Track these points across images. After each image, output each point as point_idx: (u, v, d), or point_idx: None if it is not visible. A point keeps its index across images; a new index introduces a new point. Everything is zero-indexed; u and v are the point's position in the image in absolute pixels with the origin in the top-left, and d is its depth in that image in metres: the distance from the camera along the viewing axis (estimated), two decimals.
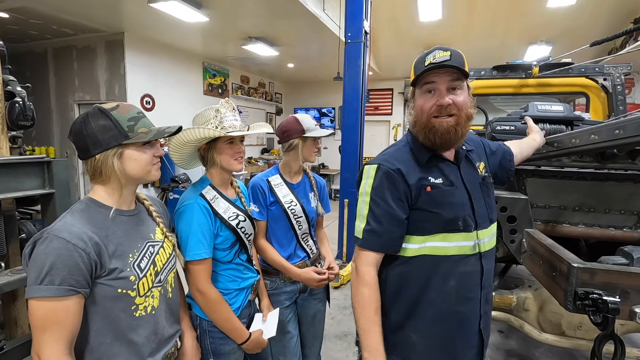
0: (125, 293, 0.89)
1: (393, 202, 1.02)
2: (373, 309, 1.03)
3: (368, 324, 1.01)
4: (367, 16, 4.21)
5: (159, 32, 5.50)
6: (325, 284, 1.69)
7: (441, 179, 1.05)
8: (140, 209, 1.06)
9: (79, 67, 5.80)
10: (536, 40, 6.38)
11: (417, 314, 1.06)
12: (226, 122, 1.29)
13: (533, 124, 1.74)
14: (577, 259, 1.37)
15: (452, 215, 1.02)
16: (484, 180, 1.13)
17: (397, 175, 1.03)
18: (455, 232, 1.03)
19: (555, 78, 2.98)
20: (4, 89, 1.35)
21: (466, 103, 1.00)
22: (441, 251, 1.03)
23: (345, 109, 4.22)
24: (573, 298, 1.29)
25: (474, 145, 1.21)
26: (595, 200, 1.90)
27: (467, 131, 1.05)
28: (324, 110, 9.97)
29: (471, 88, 1.08)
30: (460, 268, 1.04)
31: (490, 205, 1.12)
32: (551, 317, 1.87)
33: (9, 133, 1.66)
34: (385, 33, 6.68)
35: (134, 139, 0.92)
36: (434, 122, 1.00)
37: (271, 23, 5.16)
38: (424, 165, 1.06)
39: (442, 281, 1.04)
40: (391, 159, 1.07)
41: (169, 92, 6.20)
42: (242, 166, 1.34)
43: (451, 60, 0.96)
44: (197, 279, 1.22)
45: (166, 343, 1.04)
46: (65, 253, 0.81)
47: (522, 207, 1.80)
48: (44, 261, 0.80)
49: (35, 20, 4.88)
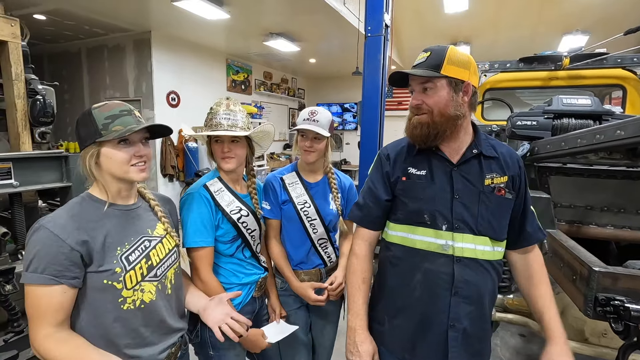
0: (111, 285, 0.91)
1: (377, 182, 1.15)
2: (360, 277, 1.15)
3: (354, 290, 1.15)
4: (388, 9, 4.11)
5: (184, 30, 5.63)
6: (323, 304, 1.52)
7: (424, 171, 1.09)
8: (140, 204, 1.07)
9: (109, 66, 6.05)
10: (571, 30, 6.02)
11: (387, 299, 1.16)
12: (214, 120, 1.29)
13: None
14: (600, 262, 1.29)
15: (417, 207, 1.07)
16: (492, 191, 1.06)
17: (386, 160, 1.16)
18: (422, 226, 1.07)
19: (589, 70, 2.80)
20: (27, 87, 1.43)
21: (437, 102, 1.02)
22: (409, 242, 1.10)
23: (364, 104, 4.16)
24: (593, 304, 1.23)
25: (504, 157, 1.10)
26: (626, 200, 1.78)
27: (446, 129, 1.04)
28: (346, 105, 9.90)
29: (466, 83, 1.03)
30: (426, 264, 1.07)
31: (484, 217, 1.04)
32: (573, 322, 1.78)
33: (37, 129, 1.76)
34: (409, 26, 6.52)
35: (105, 137, 0.92)
36: (413, 119, 1.08)
37: (291, 18, 5.16)
38: (414, 156, 1.12)
39: (409, 272, 1.10)
40: (389, 146, 1.20)
41: (193, 88, 6.35)
42: (231, 166, 1.31)
43: (426, 62, 1.03)
44: (198, 267, 1.24)
45: (167, 338, 1.05)
46: (48, 243, 0.85)
47: (544, 206, 1.72)
48: (31, 249, 0.85)
49: (69, 21, 5.13)
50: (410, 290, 1.09)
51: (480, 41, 6.78)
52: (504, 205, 1.07)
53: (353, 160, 9.67)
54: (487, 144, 1.10)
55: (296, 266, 1.56)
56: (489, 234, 1.05)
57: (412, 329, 1.10)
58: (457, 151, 1.09)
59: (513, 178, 1.09)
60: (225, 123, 1.28)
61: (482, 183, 1.06)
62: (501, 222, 1.08)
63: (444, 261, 1.05)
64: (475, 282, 1.05)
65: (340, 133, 10.11)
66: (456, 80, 1.01)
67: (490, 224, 1.05)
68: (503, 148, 1.13)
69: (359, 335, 1.10)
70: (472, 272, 1.05)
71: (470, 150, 1.08)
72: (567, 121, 1.71)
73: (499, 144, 1.14)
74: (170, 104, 5.93)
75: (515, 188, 1.10)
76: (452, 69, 1.00)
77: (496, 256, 1.09)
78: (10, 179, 1.22)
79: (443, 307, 1.05)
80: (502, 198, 1.06)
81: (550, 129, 1.75)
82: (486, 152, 1.08)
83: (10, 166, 1.21)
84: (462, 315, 1.04)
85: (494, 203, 1.06)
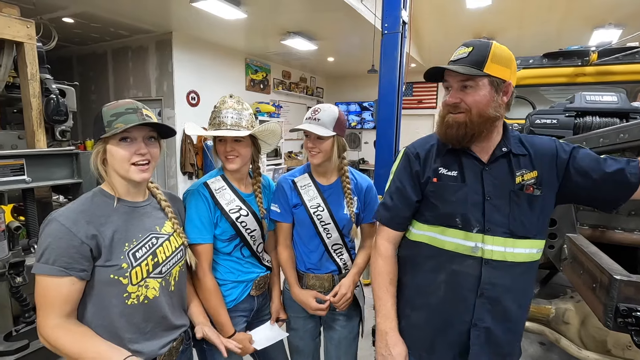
0: (117, 280, 0.93)
1: (407, 182, 1.11)
2: (387, 279, 1.13)
3: (382, 292, 1.12)
4: (406, 5, 4.03)
5: (203, 31, 5.74)
6: (323, 314, 1.46)
7: (455, 172, 1.05)
8: (151, 202, 1.09)
9: (133, 66, 6.24)
10: (603, 24, 5.69)
11: (407, 297, 1.14)
12: (218, 119, 1.28)
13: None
14: (622, 270, 1.20)
15: (449, 210, 1.04)
16: (521, 189, 1.02)
17: (415, 159, 1.11)
18: (453, 228, 1.04)
19: (619, 65, 2.64)
20: (42, 87, 1.49)
21: (478, 102, 0.98)
22: (438, 243, 1.07)
23: (380, 102, 4.10)
24: (614, 314, 1.15)
25: (535, 150, 1.06)
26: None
27: (483, 130, 1.00)
28: (365, 104, 9.81)
29: (507, 83, 0.99)
30: (453, 265, 1.04)
31: (516, 218, 1.01)
32: (595, 333, 1.68)
33: (58, 128, 1.83)
34: (429, 22, 6.37)
35: (108, 133, 0.93)
36: (447, 117, 1.03)
37: (308, 17, 5.15)
38: (445, 156, 1.08)
39: (432, 272, 1.08)
40: (416, 144, 1.15)
41: (213, 88, 6.46)
42: (234, 166, 1.30)
43: (468, 57, 0.98)
44: (197, 264, 1.24)
45: (169, 333, 1.07)
46: (59, 235, 0.87)
47: (564, 209, 1.62)
48: (43, 241, 0.88)
49: (95, 24, 5.32)
50: (433, 289, 1.08)
51: (504, 37, 6.53)
52: (534, 202, 1.03)
53: (371, 159, 9.58)
54: (516, 141, 1.07)
55: (308, 270, 1.50)
56: (523, 234, 1.02)
57: (432, 327, 1.09)
58: (487, 150, 1.06)
59: (544, 169, 1.03)
60: (229, 122, 1.27)
61: (513, 182, 1.03)
62: (534, 220, 1.03)
63: (472, 263, 1.03)
64: (503, 285, 1.03)
65: (359, 132, 10.04)
66: (498, 80, 0.97)
67: (523, 224, 1.02)
68: (536, 140, 1.09)
69: (390, 337, 1.09)
70: (501, 274, 1.02)
71: (499, 149, 1.05)
72: (590, 119, 1.60)
73: (532, 138, 1.10)
74: (190, 103, 6.06)
75: (553, 178, 1.03)
76: (495, 67, 0.96)
77: (530, 257, 1.04)
78: (24, 175, 1.27)
79: (467, 307, 1.04)
80: (531, 196, 1.02)
81: (572, 127, 1.65)
82: (515, 150, 1.05)
83: (24, 163, 1.26)
84: (485, 315, 1.03)
85: (525, 201, 1.02)
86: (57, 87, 1.62)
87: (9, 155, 1.24)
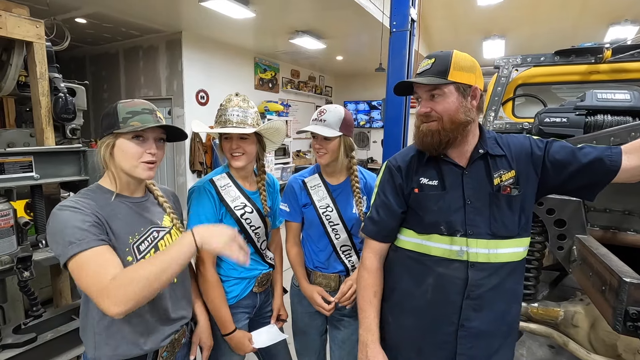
0: None
1: (391, 195, 1.13)
2: (371, 292, 1.15)
3: (366, 304, 1.15)
4: (415, 3, 3.99)
5: (212, 30, 5.78)
6: (328, 314, 1.47)
7: (436, 181, 1.08)
8: (148, 197, 1.11)
9: (144, 66, 6.33)
10: (619, 20, 5.55)
11: (395, 301, 1.16)
12: (223, 117, 1.30)
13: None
14: (632, 272, 1.17)
15: (433, 219, 1.06)
16: (498, 191, 1.04)
17: (397, 172, 1.13)
18: (439, 234, 1.06)
19: (634, 62, 2.56)
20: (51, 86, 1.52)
21: (447, 109, 1.01)
22: (424, 249, 1.09)
23: (388, 101, 4.06)
24: (623, 318, 1.12)
25: (511, 150, 1.08)
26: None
27: (457, 135, 1.03)
28: (374, 103, 9.76)
29: (473, 87, 1.02)
30: (440, 269, 1.06)
31: (497, 219, 1.04)
32: (605, 336, 1.64)
33: (68, 126, 1.86)
34: (439, 20, 6.29)
35: (123, 129, 0.96)
36: (422, 127, 1.06)
37: (317, 15, 5.14)
38: (424, 165, 1.10)
39: (420, 276, 1.10)
40: (398, 157, 1.18)
41: (222, 87, 6.50)
42: (240, 163, 1.32)
43: (431, 68, 1.02)
44: (200, 259, 1.26)
45: (171, 325, 1.08)
46: (73, 217, 0.87)
47: (573, 209, 1.59)
48: (58, 230, 0.87)
49: (107, 24, 5.41)
50: (421, 293, 1.10)
51: (516, 34, 6.42)
52: (513, 203, 1.05)
53: (380, 158, 9.53)
54: (493, 142, 1.09)
55: (315, 268, 1.53)
56: (505, 235, 1.04)
57: (421, 330, 1.11)
58: (464, 154, 1.08)
59: (521, 168, 1.06)
60: (234, 119, 1.29)
61: (492, 183, 1.05)
62: (515, 219, 1.05)
63: (458, 266, 1.05)
64: (490, 285, 1.04)
65: (368, 131, 9.99)
66: (464, 86, 1.01)
67: (505, 225, 1.04)
68: (510, 140, 1.10)
69: (371, 349, 1.12)
70: (487, 275, 1.04)
71: (476, 151, 1.07)
72: (601, 118, 1.56)
73: (509, 137, 1.11)
74: (199, 102, 6.11)
75: (531, 175, 1.05)
76: (458, 74, 1.00)
77: (515, 257, 1.06)
78: (32, 172, 1.29)
79: (454, 309, 1.06)
80: (509, 196, 1.04)
81: (582, 126, 1.61)
82: (492, 151, 1.07)
83: (32, 160, 1.29)
84: (473, 316, 1.05)
85: (504, 202, 1.04)
86: (68, 86, 1.65)
87: (18, 152, 1.27)
